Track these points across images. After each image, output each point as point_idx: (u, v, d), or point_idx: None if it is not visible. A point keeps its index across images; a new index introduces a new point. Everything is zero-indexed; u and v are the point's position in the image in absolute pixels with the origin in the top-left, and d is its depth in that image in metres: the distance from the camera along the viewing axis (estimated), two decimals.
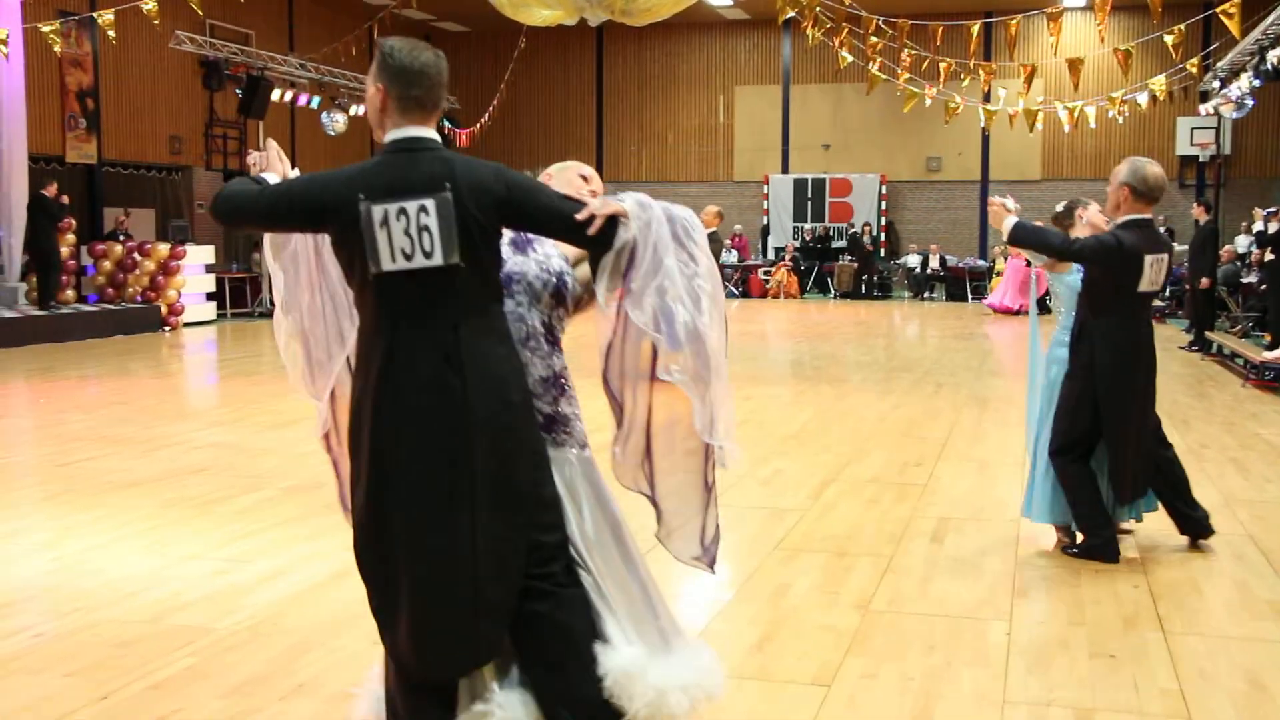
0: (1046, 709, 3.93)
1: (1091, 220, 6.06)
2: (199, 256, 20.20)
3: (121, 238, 19.59)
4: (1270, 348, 12.65)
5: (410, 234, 2.97)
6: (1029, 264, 7.25)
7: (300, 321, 3.47)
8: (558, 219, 3.10)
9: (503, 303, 3.16)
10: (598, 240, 3.08)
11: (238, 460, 8.15)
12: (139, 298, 18.85)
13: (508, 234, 3.22)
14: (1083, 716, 3.88)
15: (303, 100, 23.25)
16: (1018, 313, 22.01)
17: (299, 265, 3.39)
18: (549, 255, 3.33)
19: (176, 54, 20.79)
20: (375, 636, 4.47)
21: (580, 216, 3.06)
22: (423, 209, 2.97)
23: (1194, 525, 5.85)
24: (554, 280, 3.30)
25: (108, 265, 18.99)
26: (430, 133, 3.12)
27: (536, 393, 3.22)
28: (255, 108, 21.46)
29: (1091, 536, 5.64)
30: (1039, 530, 6.23)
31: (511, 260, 3.28)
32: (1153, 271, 5.56)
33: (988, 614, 4.82)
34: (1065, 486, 5.69)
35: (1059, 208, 6.41)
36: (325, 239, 3.23)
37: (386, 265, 2.97)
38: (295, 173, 3.35)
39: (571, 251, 3.34)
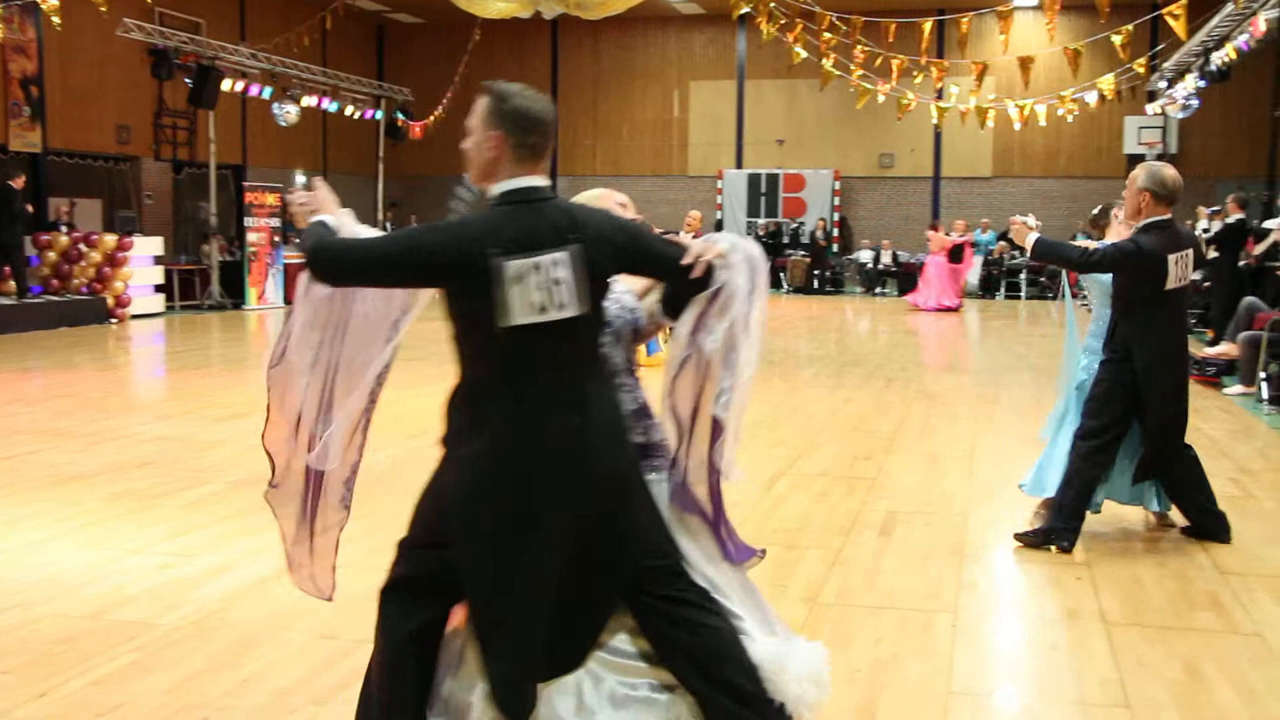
0: (989, 700, 3.97)
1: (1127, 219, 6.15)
2: (147, 248, 19.98)
3: (63, 228, 19.31)
4: (1211, 343, 12.85)
5: (544, 288, 2.92)
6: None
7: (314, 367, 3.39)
8: (666, 264, 3.14)
9: (601, 342, 3.18)
10: (698, 283, 3.12)
11: (185, 454, 8.07)
12: (85, 289, 18.61)
13: None
14: (1025, 707, 3.93)
15: (254, 91, 23.02)
16: (950, 310, 22.07)
17: (324, 311, 3.27)
18: (622, 294, 3.36)
19: (124, 42, 20.51)
20: (323, 631, 4.50)
21: (686, 261, 3.10)
22: (555, 262, 2.92)
23: (1210, 524, 5.92)
24: (633, 319, 3.38)
25: (52, 256, 18.73)
26: (545, 181, 3.07)
27: (629, 425, 3.23)
28: (206, 98, 21.22)
29: (1058, 521, 5.76)
30: (986, 525, 6.30)
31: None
32: (1178, 269, 5.67)
33: (934, 606, 4.87)
34: (1070, 468, 5.81)
35: (1095, 210, 6.67)
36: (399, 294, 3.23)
37: (517, 319, 2.91)
38: (346, 212, 3.27)
39: (637, 284, 3.40)
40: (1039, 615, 4.81)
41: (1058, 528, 5.73)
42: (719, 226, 29.33)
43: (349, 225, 3.18)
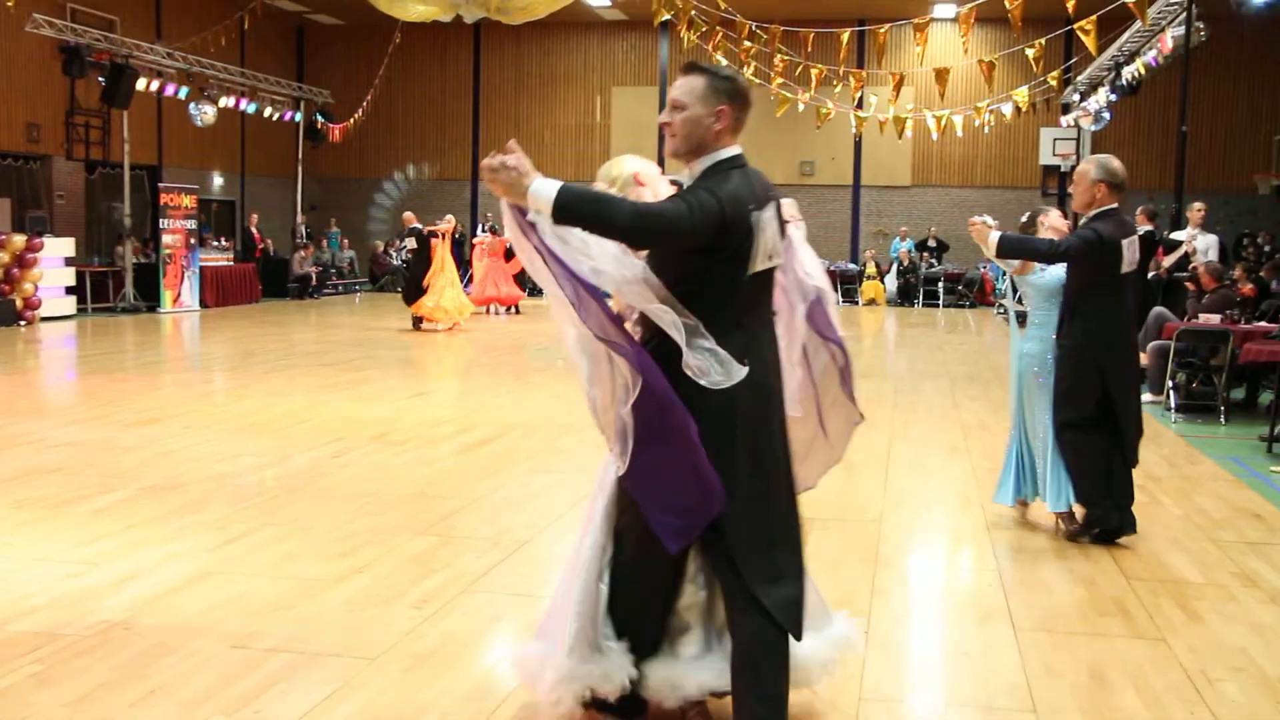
0: (900, 705, 4.02)
1: (1053, 225, 6.67)
2: (58, 249, 19.56)
3: None
4: None
5: (772, 238, 3.40)
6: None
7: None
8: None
9: None
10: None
11: (95, 459, 7.91)
12: None
13: None
14: (935, 713, 3.98)
15: (170, 90, 22.64)
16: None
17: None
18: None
19: (34, 38, 20.08)
20: (234, 640, 4.43)
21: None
22: (773, 217, 3.42)
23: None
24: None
25: None
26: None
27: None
28: (120, 97, 20.84)
29: (1093, 508, 6.01)
30: (899, 531, 6.38)
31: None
32: (1129, 253, 5.99)
33: (847, 612, 4.90)
34: (1074, 460, 6.05)
35: (1024, 218, 7.08)
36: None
37: (758, 266, 3.37)
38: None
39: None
40: (951, 621, 4.87)
41: (1095, 516, 6.00)
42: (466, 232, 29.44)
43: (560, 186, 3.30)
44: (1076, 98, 22.71)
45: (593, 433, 8.86)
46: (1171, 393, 10.71)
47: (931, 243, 28.01)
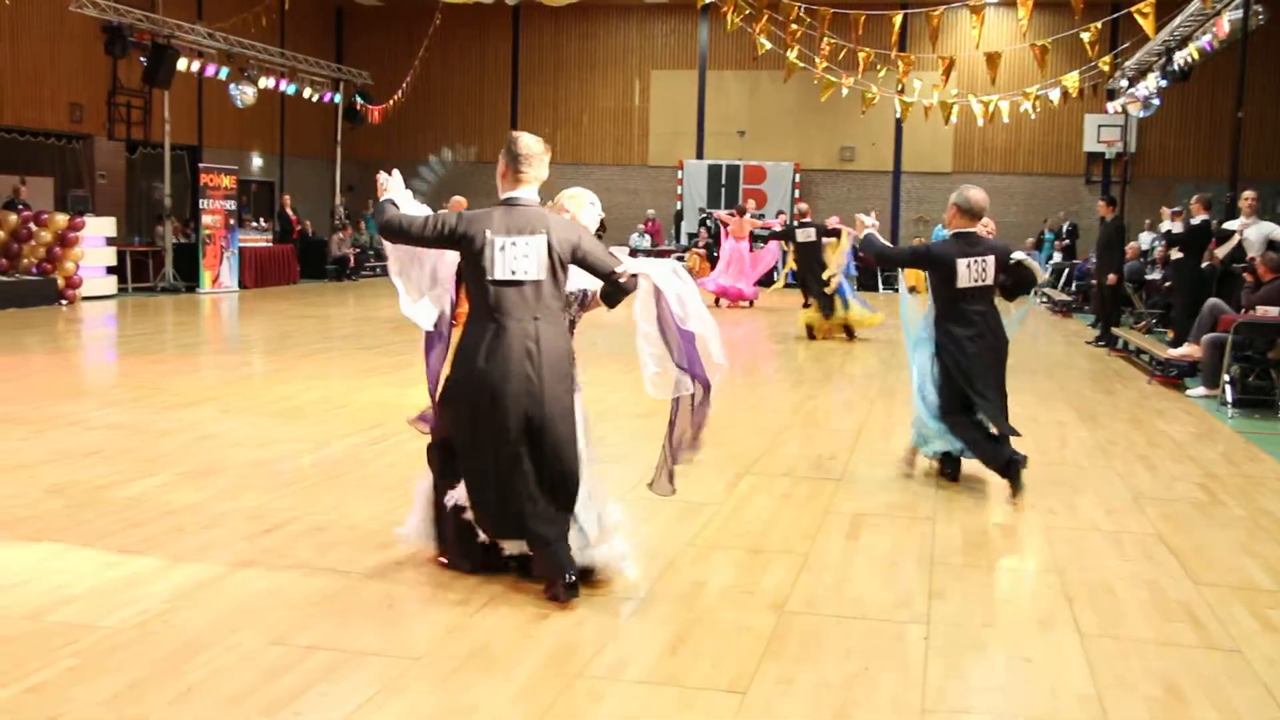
0: (965, 716, 3.86)
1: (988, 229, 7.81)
2: (99, 228, 19.58)
3: (20, 207, 18.87)
4: (1173, 344, 12.84)
5: (517, 258, 4.85)
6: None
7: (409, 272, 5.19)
8: (603, 270, 5.02)
9: (561, 304, 5.03)
10: (623, 288, 5.04)
11: (133, 443, 7.84)
12: (35, 269, 18.21)
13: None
14: None
15: (210, 71, 22.62)
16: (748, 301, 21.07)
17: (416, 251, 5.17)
18: (575, 279, 5.15)
19: (78, 18, 20.09)
20: (273, 636, 4.32)
21: (619, 270, 5.01)
22: (529, 244, 4.87)
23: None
24: (581, 295, 5.29)
25: (1, 235, 18.29)
26: (530, 196, 5.02)
27: (570, 360, 5.06)
28: (160, 77, 20.84)
29: (994, 460, 6.95)
30: (953, 528, 6.20)
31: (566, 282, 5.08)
32: (971, 271, 6.96)
33: (904, 616, 4.74)
34: (961, 438, 7.07)
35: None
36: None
37: (497, 276, 4.85)
38: (409, 193, 5.25)
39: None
40: (1011, 625, 4.69)
41: (1000, 464, 6.91)
42: (679, 217, 29.22)
43: (407, 203, 5.15)
44: (1124, 83, 22.29)
45: (630, 420, 8.75)
46: (1228, 387, 10.45)
47: None
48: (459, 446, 4.96)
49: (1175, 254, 13.61)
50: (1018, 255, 7.26)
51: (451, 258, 5.11)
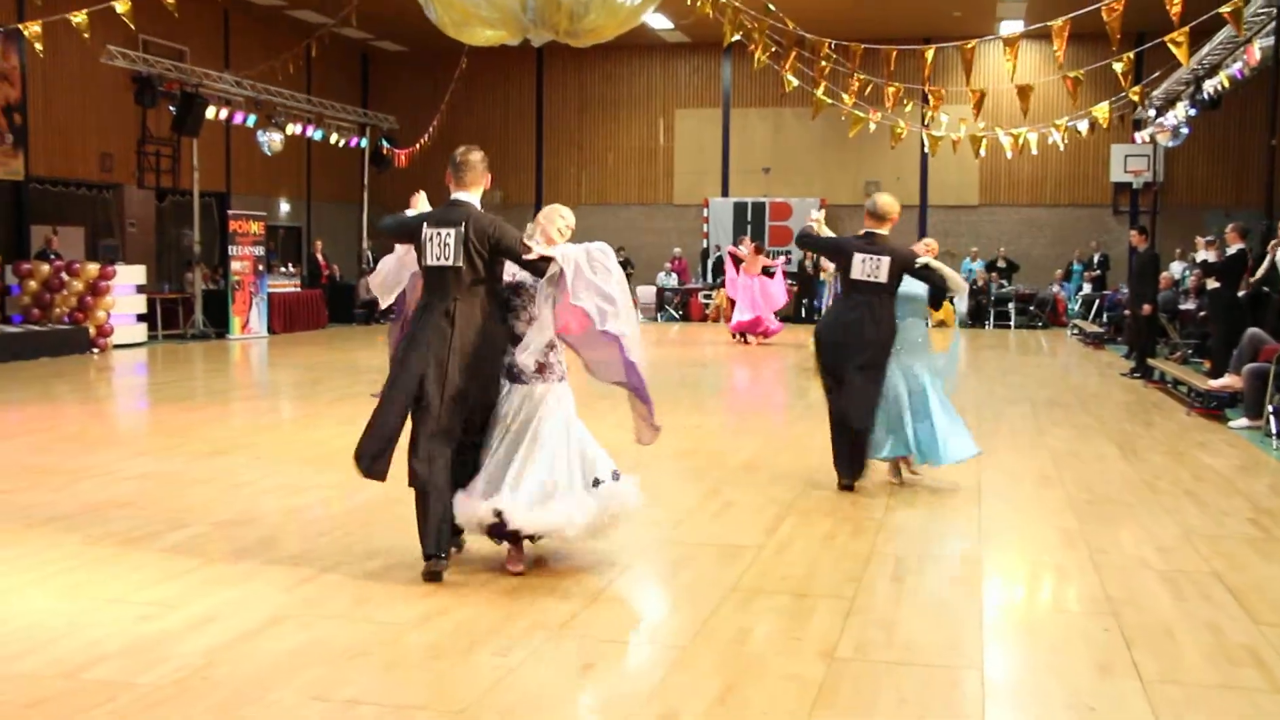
0: None
1: (927, 245, 8.67)
2: (130, 276, 19.67)
3: (52, 257, 19.00)
4: (1211, 375, 12.67)
5: (440, 247, 5.80)
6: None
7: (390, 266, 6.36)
8: (515, 255, 5.81)
9: (490, 290, 5.88)
10: (536, 269, 5.79)
11: (166, 493, 7.79)
12: (66, 319, 18.29)
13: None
14: None
15: (238, 118, 22.79)
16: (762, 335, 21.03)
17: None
18: (514, 272, 5.95)
19: (108, 69, 20.27)
20: (314, 691, 4.23)
21: (526, 257, 5.74)
22: (449, 235, 5.79)
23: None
24: (516, 282, 5.98)
25: (33, 285, 18.40)
26: (467, 196, 6.00)
27: (520, 344, 5.92)
28: (189, 125, 20.98)
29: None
30: (1001, 568, 6.07)
31: (510, 273, 5.97)
32: (865, 266, 7.83)
33: (959, 661, 4.62)
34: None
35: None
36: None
37: (428, 263, 5.84)
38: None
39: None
40: (1069, 671, 4.55)
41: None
42: (705, 255, 29.18)
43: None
44: (1151, 113, 22.18)
45: (668, 461, 8.65)
46: (1272, 418, 10.27)
47: (1001, 263, 27.50)
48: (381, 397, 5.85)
49: (1212, 283, 13.45)
50: (923, 261, 7.89)
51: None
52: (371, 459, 5.79)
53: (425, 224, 5.81)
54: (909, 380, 8.05)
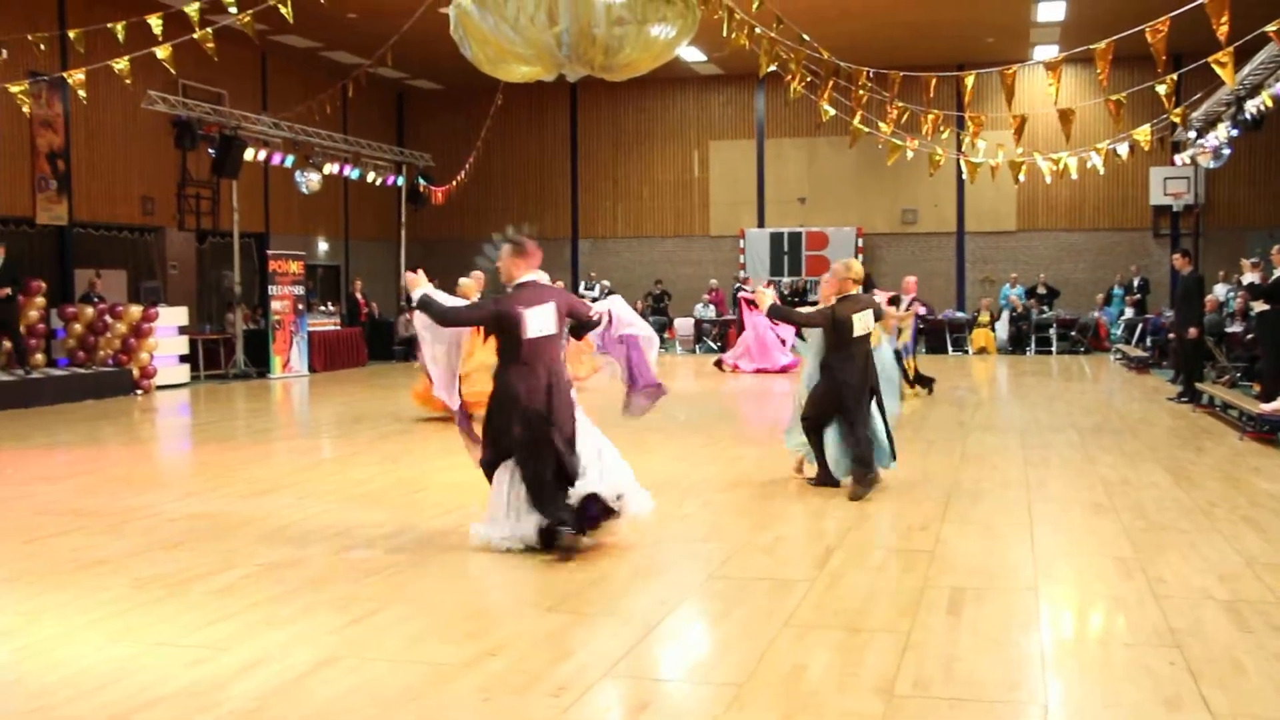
0: None
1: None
2: (172, 318, 19.83)
3: (96, 300, 19.19)
4: (1261, 398, 12.47)
5: (541, 321, 6.94)
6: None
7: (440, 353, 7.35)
8: (585, 316, 7.37)
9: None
10: (593, 324, 7.43)
11: (213, 534, 7.78)
12: (110, 361, 18.44)
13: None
14: None
15: (276, 159, 23.01)
16: (772, 371, 21.19)
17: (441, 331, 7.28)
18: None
19: (149, 114, 20.52)
20: None
21: (593, 317, 7.41)
22: (547, 310, 6.99)
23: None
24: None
25: (78, 328, 18.58)
26: (538, 275, 7.14)
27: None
28: (228, 167, 21.21)
29: (822, 470, 9.14)
30: (1059, 599, 5.96)
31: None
32: (860, 324, 8.89)
33: (1021, 697, 4.52)
34: (812, 443, 9.16)
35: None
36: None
37: (529, 335, 6.92)
38: (431, 285, 7.12)
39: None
40: (1137, 707, 4.43)
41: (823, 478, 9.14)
42: (736, 288, 29.11)
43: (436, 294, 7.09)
44: (1191, 134, 21.98)
45: (714, 494, 8.59)
46: None
47: (1041, 289, 27.28)
48: (505, 449, 6.97)
49: (1259, 306, 13.26)
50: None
51: (468, 331, 7.43)
52: (562, 515, 6.78)
53: (519, 307, 6.87)
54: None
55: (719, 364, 22.11)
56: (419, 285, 7.00)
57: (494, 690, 4.69)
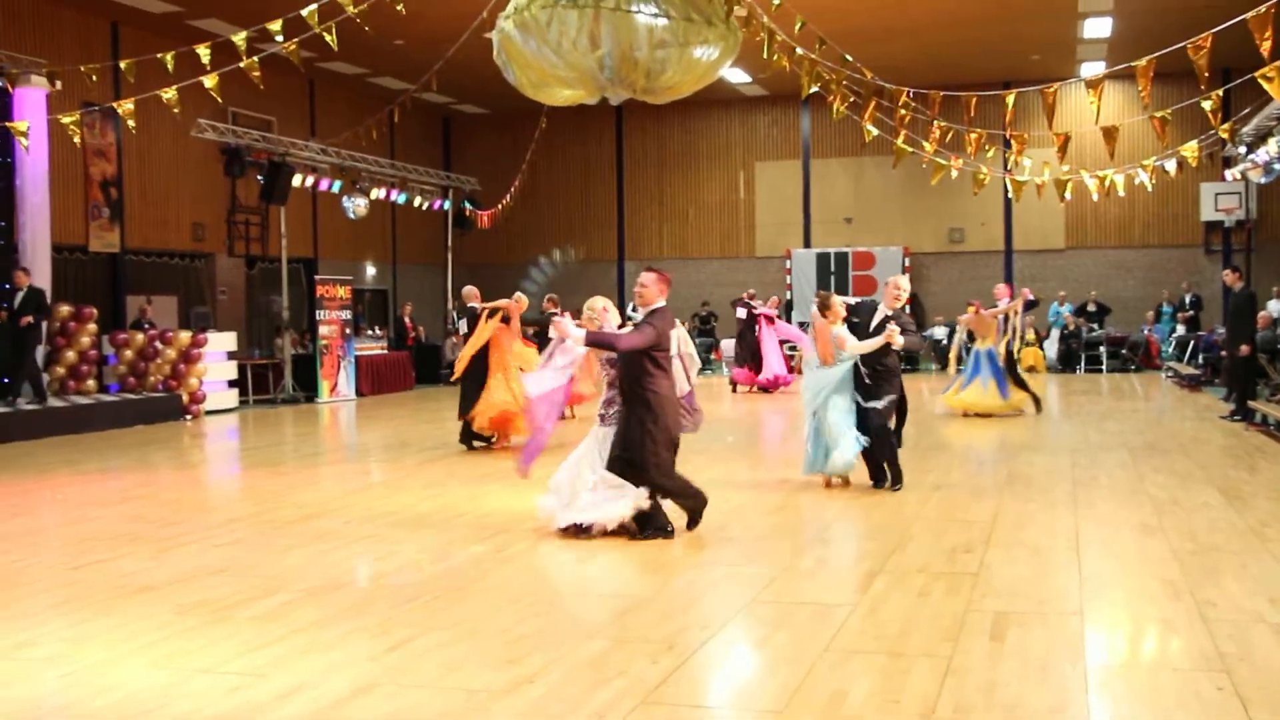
0: None
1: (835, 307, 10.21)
2: (221, 343, 20.05)
3: (146, 326, 19.44)
4: None
5: (676, 342, 8.51)
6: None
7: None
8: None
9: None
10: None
11: (258, 559, 7.84)
12: (160, 386, 18.66)
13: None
14: None
15: (324, 185, 23.24)
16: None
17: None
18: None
19: (199, 142, 20.81)
20: None
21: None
22: (680, 332, 8.90)
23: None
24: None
25: (129, 354, 18.82)
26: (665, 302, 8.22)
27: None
28: (277, 193, 21.43)
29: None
30: (1105, 623, 5.87)
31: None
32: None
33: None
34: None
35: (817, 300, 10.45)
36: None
37: (673, 353, 8.34)
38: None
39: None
40: None
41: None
42: (789, 307, 29.03)
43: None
44: (1242, 150, 21.72)
45: (759, 517, 8.54)
46: None
47: (1091, 307, 27.00)
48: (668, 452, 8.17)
49: None
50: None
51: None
52: (695, 492, 8.33)
53: (669, 329, 8.12)
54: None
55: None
56: (572, 332, 7.95)
57: (532, 717, 4.67)
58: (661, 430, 7.99)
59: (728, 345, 28.68)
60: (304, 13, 12.23)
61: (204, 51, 12.58)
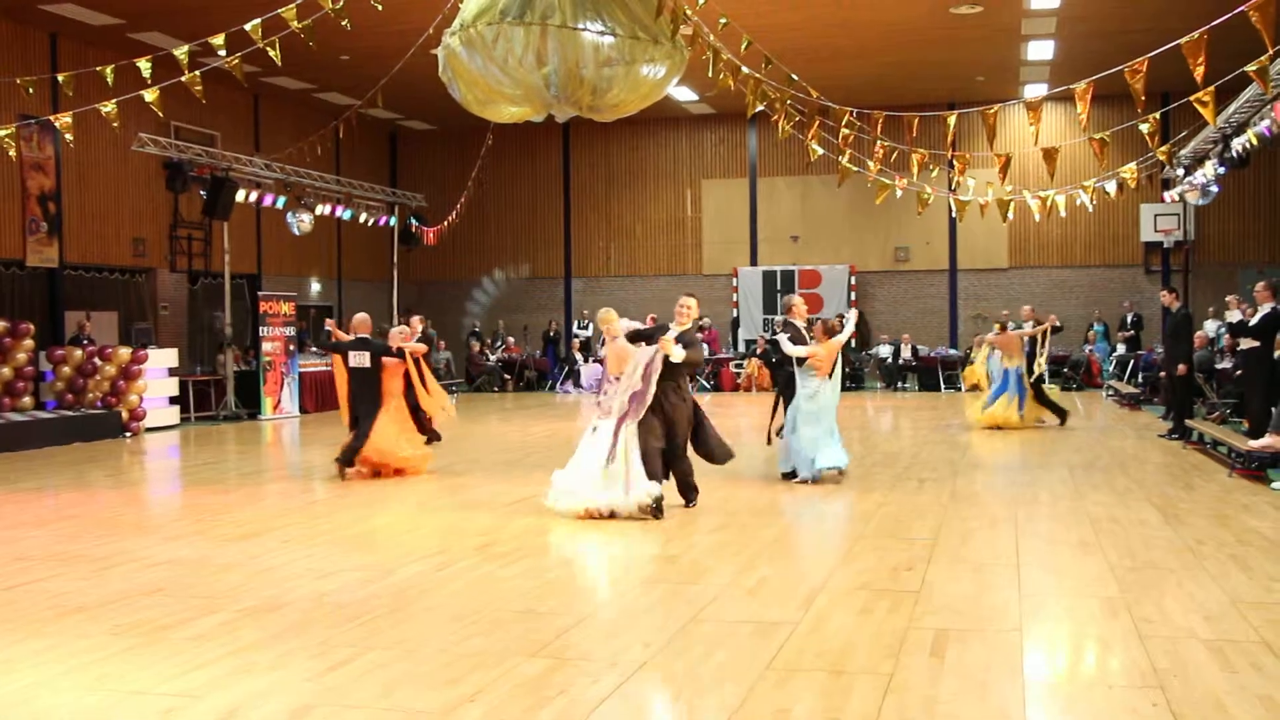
0: None
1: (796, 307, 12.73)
2: (162, 360, 19.80)
3: (85, 342, 19.16)
4: (1250, 435, 12.45)
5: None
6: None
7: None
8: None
9: None
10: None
11: (196, 579, 7.73)
12: (99, 403, 18.39)
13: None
14: None
15: (268, 200, 23.05)
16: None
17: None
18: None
19: (140, 156, 20.59)
20: None
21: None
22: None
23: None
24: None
25: (67, 370, 18.53)
26: None
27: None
28: (220, 209, 21.22)
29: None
30: (1045, 640, 5.92)
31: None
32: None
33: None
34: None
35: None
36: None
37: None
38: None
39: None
40: None
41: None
42: (735, 325, 29.17)
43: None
44: (1180, 172, 22.09)
45: (701, 537, 8.54)
46: None
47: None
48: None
49: (1246, 342, 13.26)
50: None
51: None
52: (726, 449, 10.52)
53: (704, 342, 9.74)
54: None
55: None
56: (671, 347, 9.76)
57: None
58: (706, 420, 10.44)
59: None
60: (247, 27, 12.15)
61: (145, 65, 12.45)
